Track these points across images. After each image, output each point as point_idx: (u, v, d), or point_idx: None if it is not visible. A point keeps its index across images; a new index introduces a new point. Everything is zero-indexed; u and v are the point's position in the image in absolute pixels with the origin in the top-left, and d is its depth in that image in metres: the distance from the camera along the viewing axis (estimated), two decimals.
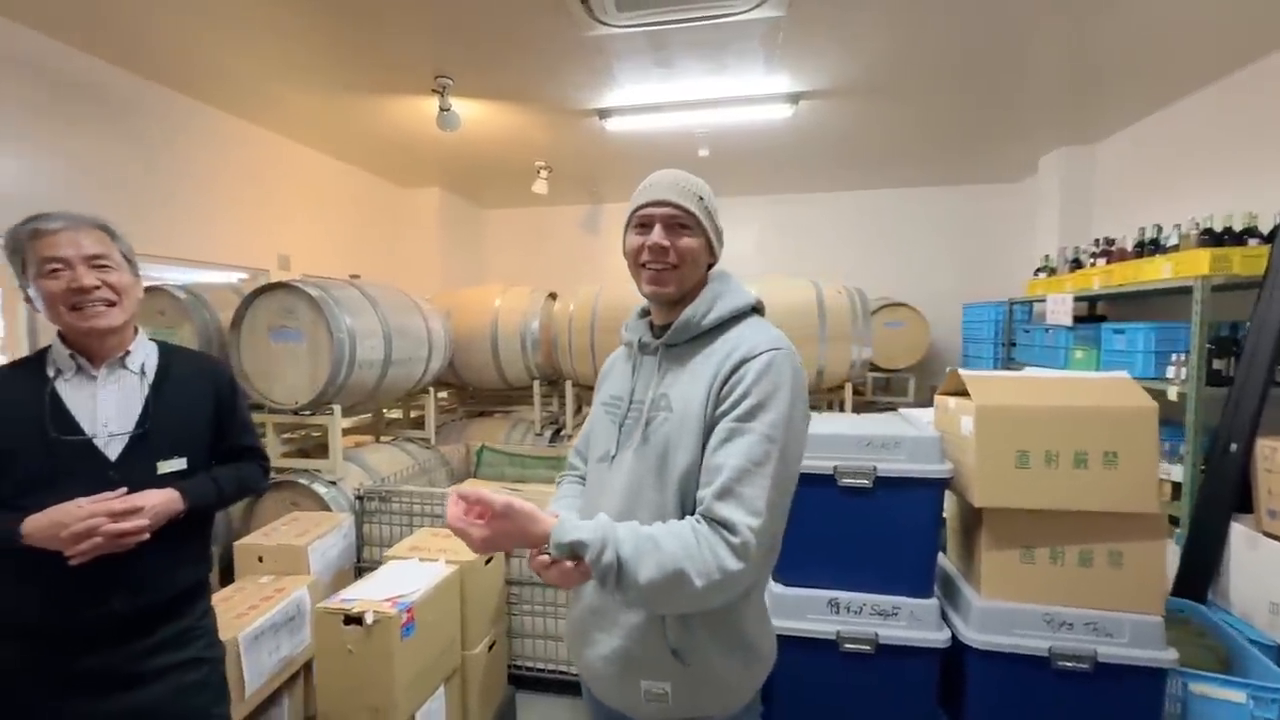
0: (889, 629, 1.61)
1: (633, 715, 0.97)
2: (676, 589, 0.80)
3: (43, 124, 2.60)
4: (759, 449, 0.85)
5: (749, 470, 0.84)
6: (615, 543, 0.81)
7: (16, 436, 1.10)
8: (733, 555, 0.81)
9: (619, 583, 0.81)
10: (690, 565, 0.80)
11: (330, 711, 1.60)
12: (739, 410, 0.88)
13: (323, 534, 2.18)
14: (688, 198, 0.97)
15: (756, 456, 0.85)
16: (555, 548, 0.81)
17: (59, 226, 1.11)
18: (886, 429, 1.70)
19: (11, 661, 1.13)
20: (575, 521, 0.84)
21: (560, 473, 1.28)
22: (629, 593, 0.81)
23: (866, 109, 3.57)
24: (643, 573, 0.80)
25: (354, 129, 3.90)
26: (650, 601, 0.84)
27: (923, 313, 4.76)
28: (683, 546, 0.82)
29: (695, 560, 0.81)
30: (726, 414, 0.89)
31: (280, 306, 2.51)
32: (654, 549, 0.81)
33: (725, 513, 0.83)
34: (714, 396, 0.91)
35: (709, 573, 0.80)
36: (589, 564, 0.80)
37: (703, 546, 0.82)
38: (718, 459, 0.87)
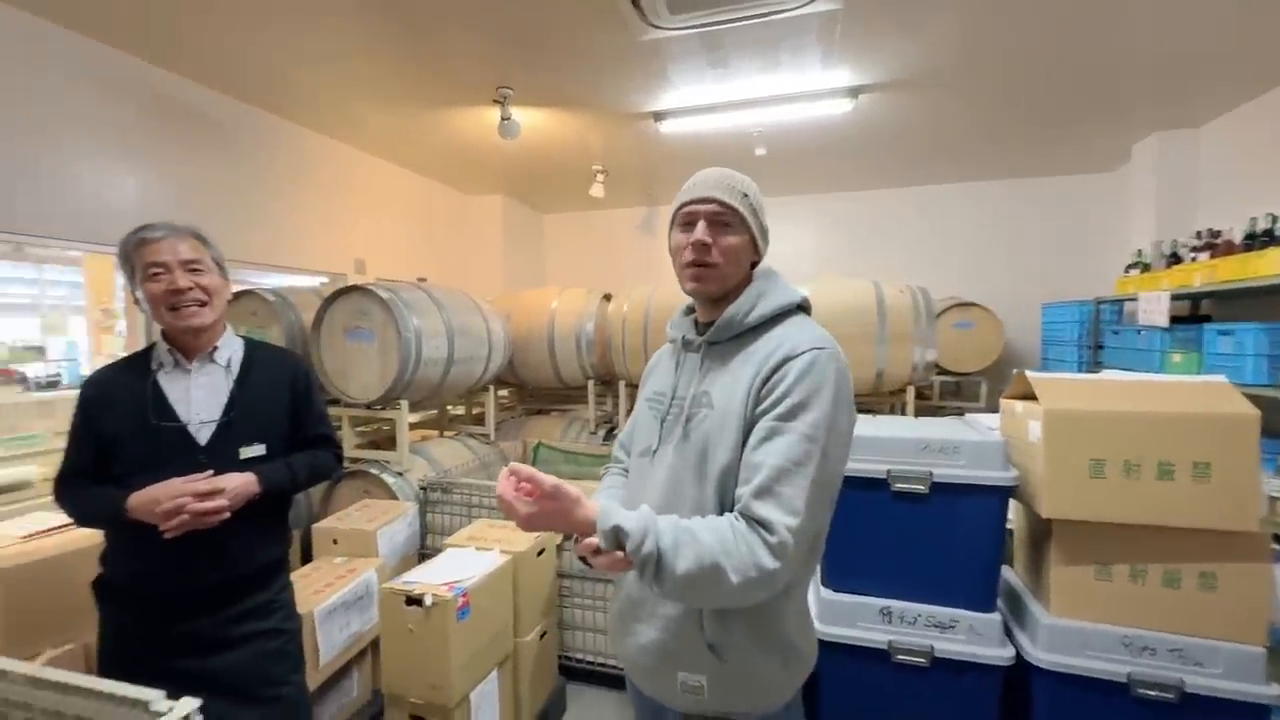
0: (946, 642, 1.54)
1: (669, 705, 0.98)
2: (712, 584, 0.80)
3: (157, 147, 2.92)
4: (799, 448, 0.84)
5: (788, 470, 0.84)
6: (656, 533, 0.81)
7: (125, 423, 1.25)
8: (769, 554, 0.81)
9: (657, 574, 0.81)
10: (727, 561, 0.80)
11: (394, 685, 1.70)
12: (780, 409, 0.87)
13: (390, 520, 2.33)
14: (732, 194, 0.97)
15: (796, 456, 0.84)
16: (599, 535, 0.82)
17: (160, 235, 1.25)
18: (945, 433, 1.62)
19: (129, 623, 1.28)
20: (619, 509, 0.84)
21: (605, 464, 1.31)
22: (666, 584, 0.81)
23: (933, 100, 3.41)
24: (680, 565, 0.80)
25: (422, 140, 4.12)
26: (686, 595, 0.84)
27: (995, 313, 4.48)
28: (720, 542, 0.81)
29: (732, 556, 0.80)
30: (767, 412, 0.88)
31: (355, 308, 2.70)
32: (692, 541, 0.81)
33: (763, 512, 0.83)
34: (754, 395, 0.91)
35: (745, 570, 0.80)
36: (630, 552, 0.81)
37: (739, 543, 0.81)
38: (756, 457, 0.86)
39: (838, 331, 1.02)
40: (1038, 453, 1.47)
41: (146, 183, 2.88)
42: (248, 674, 1.32)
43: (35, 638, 1.75)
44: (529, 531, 0.89)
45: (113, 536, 1.29)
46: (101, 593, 1.31)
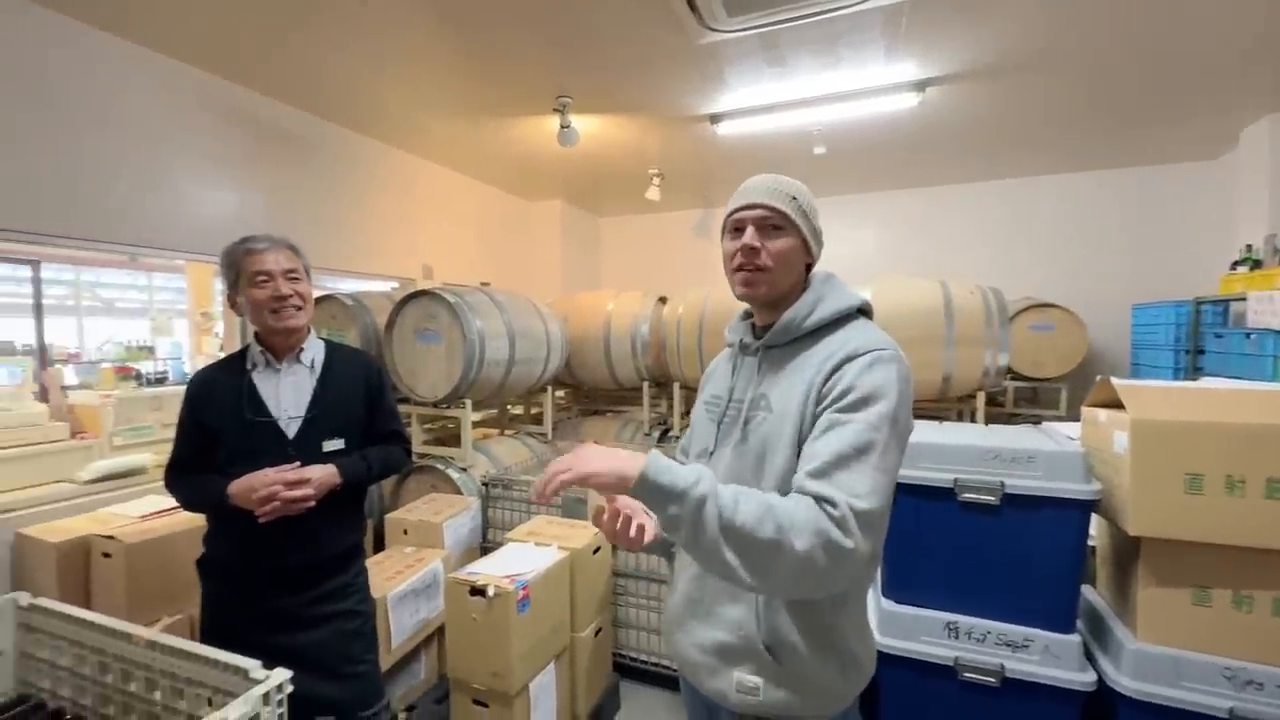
0: (1019, 662, 1.46)
1: (724, 705, 0.98)
2: (774, 548, 0.76)
3: (251, 164, 3.19)
4: (862, 437, 0.82)
5: (848, 454, 0.81)
6: (711, 481, 0.80)
7: (225, 417, 1.39)
8: (836, 527, 0.77)
9: (718, 521, 0.76)
10: (791, 523, 0.76)
11: (459, 670, 1.79)
12: (841, 403, 0.86)
13: (455, 514, 2.44)
14: (780, 199, 0.97)
15: (858, 443, 0.82)
16: (641, 477, 0.78)
17: (264, 246, 1.38)
18: (1019, 441, 1.54)
19: (226, 598, 1.42)
20: (670, 461, 0.82)
21: None
22: (726, 534, 0.77)
23: (1007, 90, 3.23)
24: (740, 516, 0.77)
25: (485, 149, 4.29)
26: (747, 549, 0.77)
27: (1078, 315, 4.18)
28: (784, 505, 0.79)
29: (798, 522, 0.77)
30: (828, 408, 0.87)
31: (424, 312, 2.85)
32: (753, 497, 0.80)
33: (821, 490, 0.80)
34: (814, 395, 0.90)
35: (809, 536, 0.76)
36: (680, 491, 0.77)
37: (806, 509, 0.78)
38: (816, 446, 0.85)
39: (900, 334, 1.01)
40: (1124, 465, 1.37)
41: (243, 197, 3.15)
42: (328, 651, 1.43)
43: (151, 607, 1.96)
44: (583, 473, 0.80)
45: (213, 520, 1.43)
46: (204, 570, 1.46)
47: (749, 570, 0.78)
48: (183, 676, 1.11)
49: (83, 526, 2.10)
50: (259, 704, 0.99)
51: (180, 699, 1.12)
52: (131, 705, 1.17)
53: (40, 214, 2.33)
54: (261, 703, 0.99)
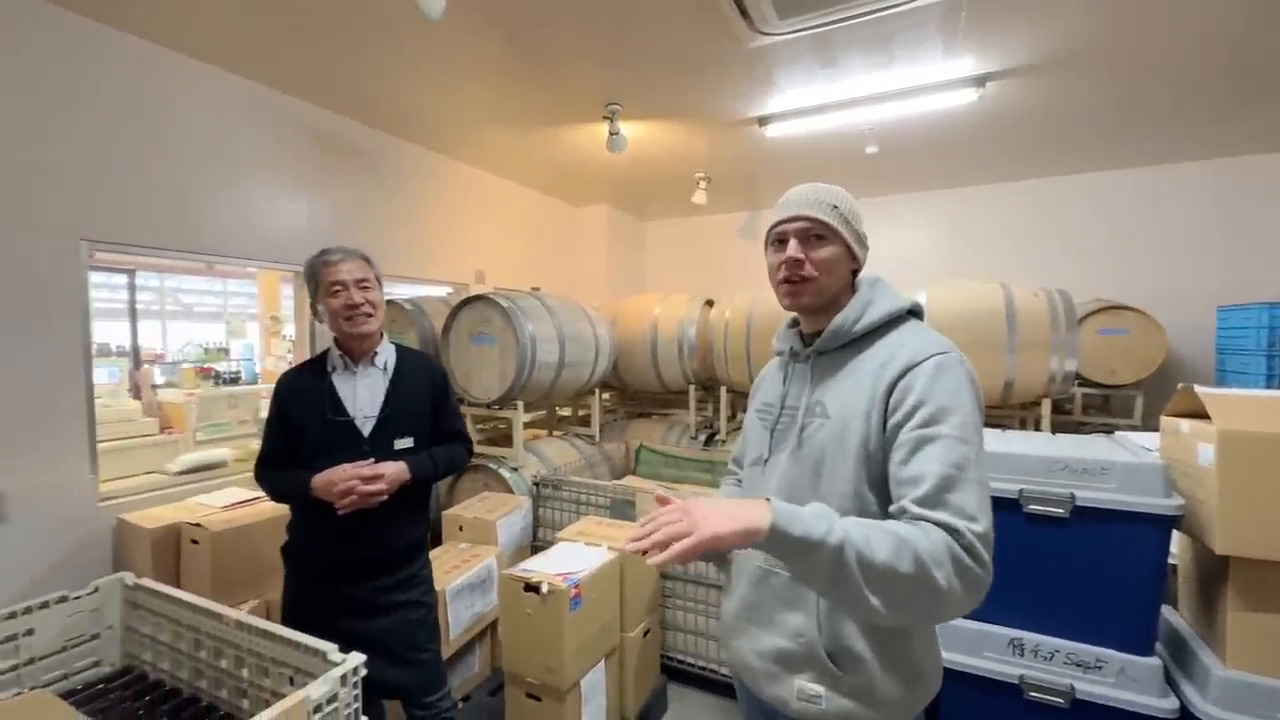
0: (1090, 684, 1.39)
1: (784, 711, 0.97)
2: (918, 580, 0.72)
3: (319, 177, 3.38)
4: (956, 453, 0.80)
5: (952, 476, 0.79)
6: (839, 522, 0.76)
7: (308, 417, 1.49)
8: (966, 554, 0.74)
9: (858, 564, 0.72)
10: (927, 554, 0.73)
11: (513, 664, 1.85)
12: (919, 417, 0.84)
13: (507, 512, 2.52)
14: (820, 209, 0.97)
15: (956, 460, 0.80)
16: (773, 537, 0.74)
17: (339, 258, 1.47)
18: (1091, 452, 1.47)
19: (306, 583, 1.52)
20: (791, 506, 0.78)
21: (721, 477, 1.33)
22: (868, 577, 0.72)
23: (1078, 81, 3.07)
24: (878, 551, 0.73)
25: (535, 157, 4.40)
26: (890, 588, 0.73)
27: (1155, 317, 3.92)
28: (912, 534, 0.75)
29: (934, 552, 0.73)
30: (903, 424, 0.85)
31: (478, 316, 2.95)
32: (878, 529, 0.76)
33: (940, 519, 0.77)
34: (879, 405, 0.89)
35: (942, 562, 0.72)
36: (816, 543, 0.73)
37: (934, 537, 0.74)
38: (911, 470, 0.81)
39: (958, 339, 0.99)
40: (1209, 479, 1.29)
41: (311, 209, 3.35)
42: (396, 638, 1.51)
43: (233, 591, 2.11)
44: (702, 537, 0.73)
45: (296, 511, 1.54)
46: (287, 556, 1.56)
47: (890, 607, 0.74)
48: (267, 656, 1.20)
49: (173, 515, 2.28)
50: (337, 685, 1.05)
51: (265, 677, 1.21)
52: (222, 680, 1.27)
53: (134, 226, 2.55)
54: (340, 684, 1.06)
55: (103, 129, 2.44)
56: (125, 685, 1.35)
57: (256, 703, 1.21)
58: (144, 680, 1.37)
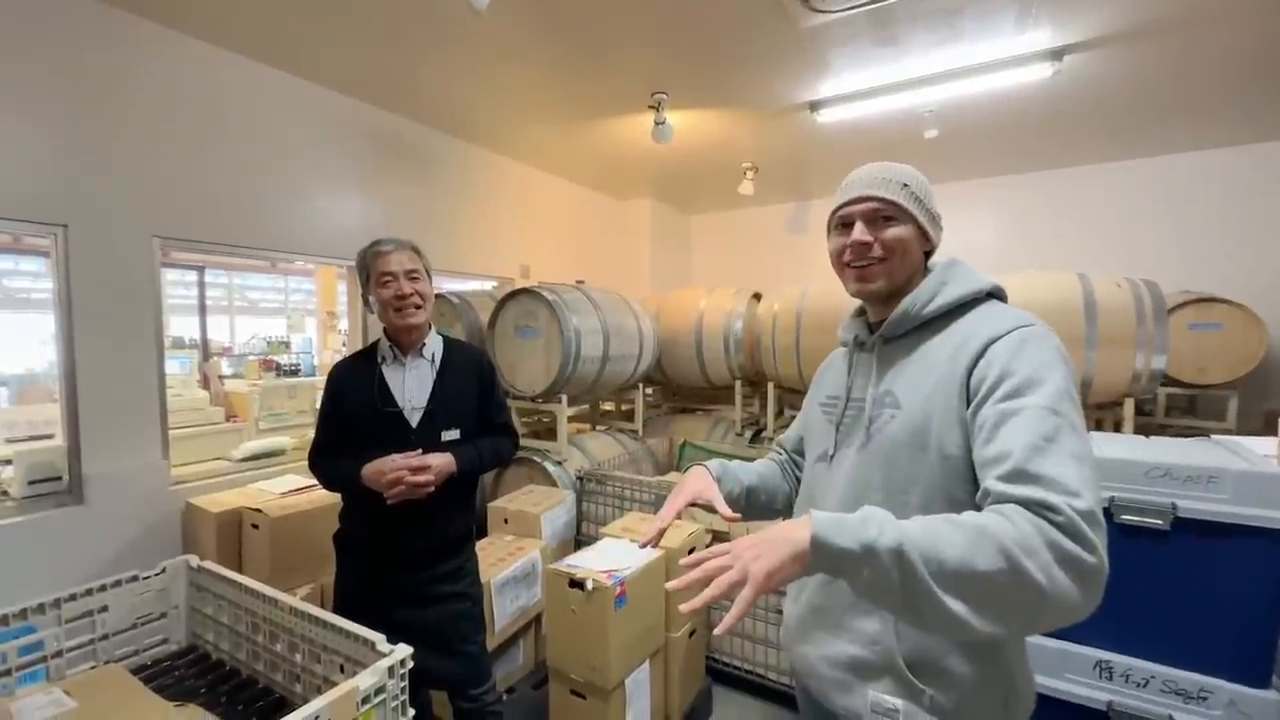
0: (1192, 716, 1.25)
1: (853, 716, 0.88)
2: (1007, 574, 0.60)
3: (373, 174, 3.46)
4: (1047, 424, 0.69)
5: (1040, 446, 0.67)
6: (891, 521, 0.66)
7: (360, 406, 1.50)
8: (1064, 535, 0.61)
9: (924, 566, 0.61)
10: (1013, 541, 0.61)
11: (557, 660, 1.83)
12: (1002, 391, 0.74)
13: (552, 506, 2.51)
14: (888, 188, 0.91)
15: (1045, 431, 0.68)
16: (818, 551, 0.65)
17: (390, 249, 1.48)
18: (1193, 458, 1.32)
19: (356, 570, 1.53)
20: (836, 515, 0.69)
21: None
22: (939, 579, 0.61)
23: (1169, 49, 2.79)
24: (948, 551, 0.61)
25: (579, 150, 4.38)
26: (971, 590, 0.61)
27: (1254, 311, 3.56)
28: (992, 521, 0.64)
29: (1021, 537, 0.61)
30: (985, 402, 0.75)
31: (524, 309, 2.95)
32: (947, 522, 0.65)
33: (1029, 494, 0.65)
34: (959, 388, 0.80)
35: (1035, 550, 0.60)
36: (867, 548, 0.63)
37: (1019, 522, 0.62)
38: (995, 448, 0.71)
39: None
40: None
41: (365, 205, 3.43)
42: (443, 629, 1.51)
43: (290, 575, 2.17)
44: (762, 579, 0.64)
45: (348, 500, 1.55)
46: (339, 545, 1.59)
47: (982, 615, 0.62)
48: (319, 642, 1.21)
49: (235, 500, 2.37)
50: (385, 676, 1.04)
51: (317, 663, 1.22)
52: (277, 664, 1.29)
53: (202, 224, 2.66)
54: (388, 674, 1.05)
55: (173, 131, 2.55)
56: (190, 664, 1.40)
57: (309, 688, 1.23)
58: (206, 660, 1.41)
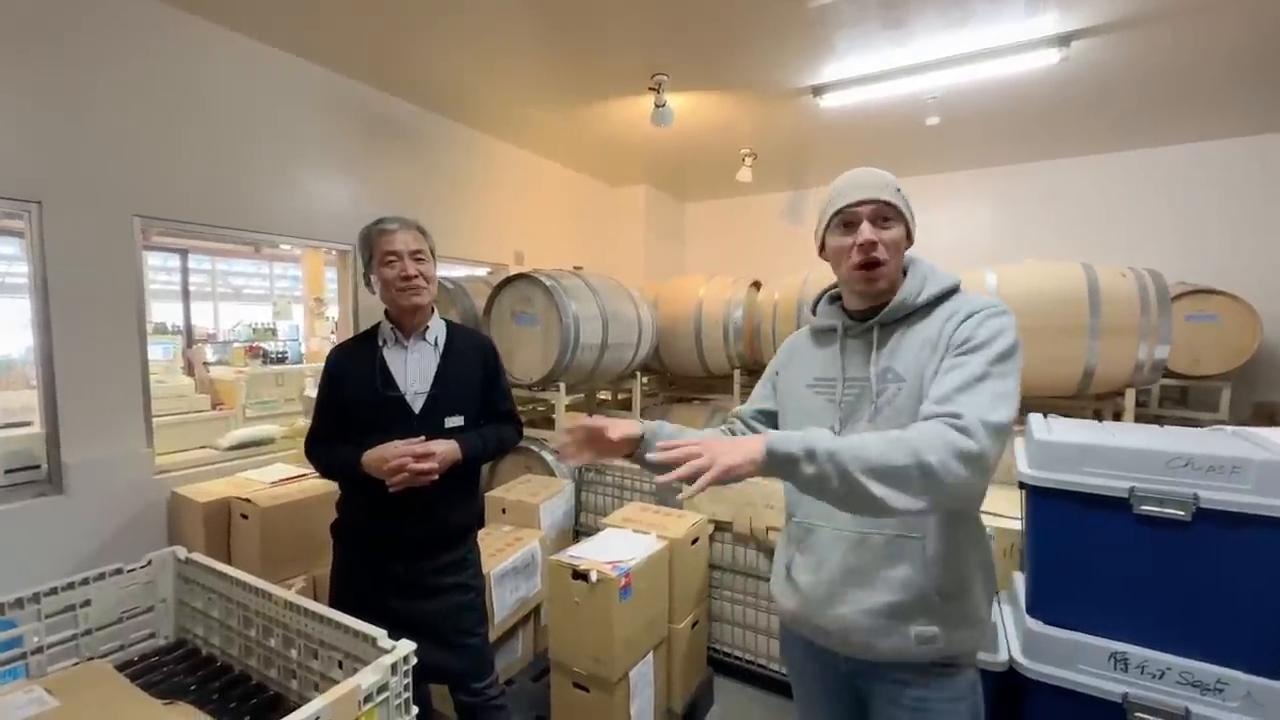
0: (1208, 707, 1.24)
1: (897, 659, 1.00)
2: (913, 467, 0.81)
3: (361, 155, 3.35)
4: (979, 369, 0.90)
5: (969, 383, 0.89)
6: (826, 433, 0.88)
7: (360, 391, 1.43)
8: (960, 434, 0.83)
9: (856, 463, 0.82)
10: (919, 442, 0.82)
11: (560, 653, 1.79)
12: (966, 347, 0.94)
13: (550, 496, 2.46)
14: (888, 191, 1.02)
15: (977, 374, 0.90)
16: (770, 457, 0.85)
17: (395, 227, 1.41)
18: (1214, 447, 1.30)
19: (356, 561, 1.48)
20: (785, 432, 0.91)
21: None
22: (866, 473, 0.82)
23: (1178, 37, 2.76)
24: (871, 449, 0.83)
25: (575, 133, 4.28)
26: (888, 478, 0.82)
27: (1249, 302, 3.58)
28: (905, 433, 0.86)
29: (925, 439, 0.83)
30: (948, 353, 0.96)
31: (520, 295, 2.88)
32: (875, 435, 0.87)
33: (945, 409, 0.87)
34: (941, 348, 0.97)
35: (936, 446, 0.82)
36: (808, 451, 0.84)
37: (924, 428, 0.85)
38: (938, 386, 0.92)
39: (1033, 323, 1.05)
40: None
41: (356, 187, 3.32)
42: (444, 621, 1.46)
43: (282, 566, 2.11)
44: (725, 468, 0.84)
45: (346, 488, 1.49)
46: (337, 534, 1.52)
47: (900, 494, 0.82)
48: (316, 638, 1.16)
49: (223, 489, 2.30)
50: (387, 673, 1.00)
51: (314, 659, 1.16)
52: (271, 659, 1.23)
53: (186, 203, 2.56)
54: (390, 672, 1.00)
55: (155, 105, 2.44)
56: (178, 659, 1.34)
57: (305, 684, 1.18)
58: (196, 655, 1.35)
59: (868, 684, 1.06)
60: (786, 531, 1.18)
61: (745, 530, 2.24)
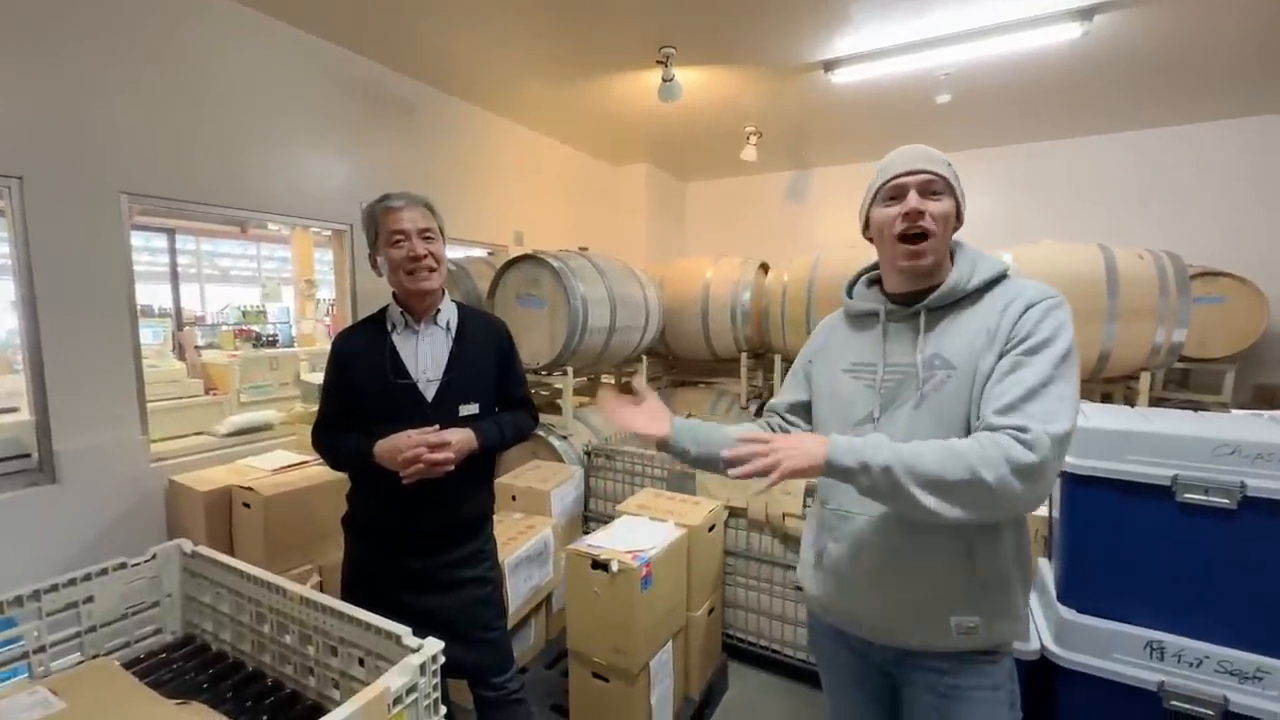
0: (1249, 697, 1.22)
1: (935, 648, 0.99)
2: (969, 483, 0.82)
3: (358, 130, 3.21)
4: (1046, 372, 0.88)
5: (1036, 389, 0.86)
6: (889, 444, 0.88)
7: (369, 378, 1.36)
8: (1024, 449, 0.82)
9: (910, 479, 0.84)
10: (977, 458, 0.82)
11: (578, 644, 1.75)
12: (1024, 345, 0.90)
13: (561, 482, 2.41)
14: (938, 164, 0.99)
15: (1043, 378, 0.87)
16: (830, 468, 0.88)
17: (402, 204, 1.32)
18: (1262, 434, 1.26)
19: (367, 556, 1.42)
20: (847, 439, 0.90)
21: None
22: (922, 487, 0.83)
23: (1201, 9, 2.68)
24: (928, 464, 0.84)
25: (577, 111, 4.15)
26: (944, 493, 0.84)
27: (1258, 286, 3.56)
28: (965, 444, 0.85)
29: (982, 456, 0.83)
30: (1012, 350, 0.91)
31: (526, 276, 2.80)
32: (934, 445, 0.86)
33: (1009, 421, 0.85)
34: (999, 340, 0.93)
35: (993, 462, 0.82)
36: (864, 466, 0.86)
37: (985, 443, 0.84)
38: (1002, 386, 0.89)
39: None
40: None
41: (352, 164, 3.19)
42: (461, 617, 1.41)
43: (287, 556, 2.05)
44: (791, 470, 0.88)
45: (356, 479, 1.43)
46: (349, 527, 1.46)
47: (951, 506, 0.84)
48: (335, 635, 1.10)
49: (224, 477, 2.23)
50: (416, 674, 0.95)
51: (333, 656, 1.11)
52: (287, 657, 1.18)
53: (175, 181, 2.43)
54: (419, 673, 0.95)
55: (143, 77, 2.31)
56: (187, 655, 1.28)
57: (324, 682, 1.13)
58: (206, 651, 1.29)
59: (902, 672, 1.04)
60: (817, 519, 1.15)
61: (761, 516, 2.21)
